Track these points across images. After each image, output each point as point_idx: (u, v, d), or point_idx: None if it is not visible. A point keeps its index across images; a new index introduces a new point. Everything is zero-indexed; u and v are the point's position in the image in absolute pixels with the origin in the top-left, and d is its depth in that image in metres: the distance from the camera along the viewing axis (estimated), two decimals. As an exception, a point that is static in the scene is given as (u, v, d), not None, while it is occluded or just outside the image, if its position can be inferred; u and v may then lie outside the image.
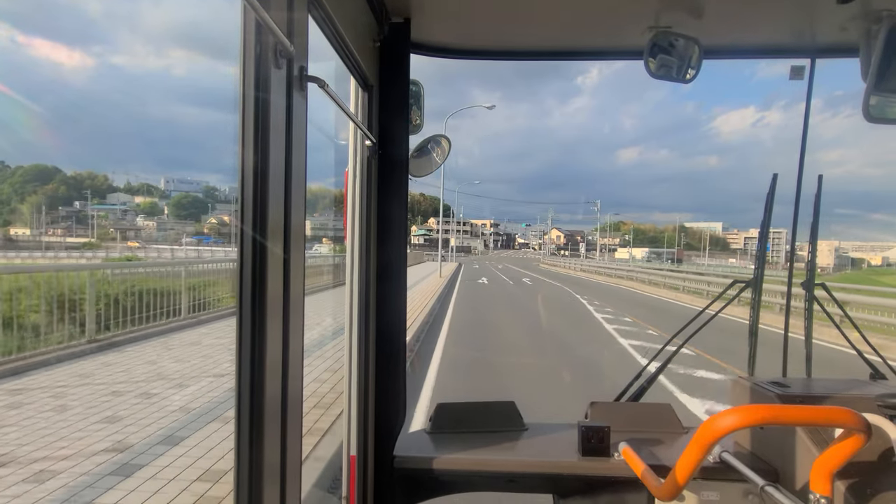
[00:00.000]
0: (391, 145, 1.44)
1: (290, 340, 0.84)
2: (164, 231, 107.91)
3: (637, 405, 1.67)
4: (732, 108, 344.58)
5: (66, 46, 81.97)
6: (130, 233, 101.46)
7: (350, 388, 1.38)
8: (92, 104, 79.52)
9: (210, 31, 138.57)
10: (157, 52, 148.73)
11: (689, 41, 1.41)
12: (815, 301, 1.66)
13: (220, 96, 67.75)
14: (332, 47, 1.09)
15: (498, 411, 1.64)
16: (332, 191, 9.57)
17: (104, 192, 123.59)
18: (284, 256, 0.82)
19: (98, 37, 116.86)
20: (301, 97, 0.86)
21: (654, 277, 27.69)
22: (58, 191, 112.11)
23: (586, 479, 1.40)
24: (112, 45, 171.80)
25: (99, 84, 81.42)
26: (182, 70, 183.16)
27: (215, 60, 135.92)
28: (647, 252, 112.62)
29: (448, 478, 1.46)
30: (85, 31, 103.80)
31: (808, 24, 1.45)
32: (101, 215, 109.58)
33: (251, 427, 0.77)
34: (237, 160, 0.75)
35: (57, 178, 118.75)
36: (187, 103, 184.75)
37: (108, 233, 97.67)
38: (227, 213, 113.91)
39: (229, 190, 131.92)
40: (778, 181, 1.61)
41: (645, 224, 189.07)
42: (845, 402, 1.21)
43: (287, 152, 0.82)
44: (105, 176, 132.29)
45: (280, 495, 0.84)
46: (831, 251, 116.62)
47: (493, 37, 1.63)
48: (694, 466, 0.99)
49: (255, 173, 0.76)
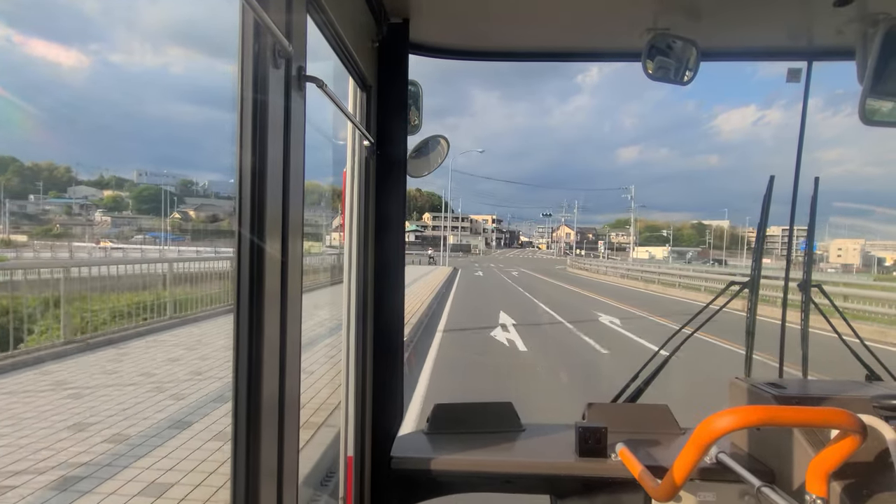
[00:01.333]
0: (389, 145, 1.44)
1: (287, 340, 0.84)
2: (118, 227, 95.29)
3: (634, 406, 1.68)
4: (733, 106, 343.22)
5: (64, 45, 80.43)
6: (79, 228, 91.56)
7: (347, 389, 1.38)
8: (89, 103, 77.63)
9: (208, 30, 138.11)
10: (155, 51, 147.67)
11: (687, 43, 1.42)
12: (812, 302, 1.67)
13: (219, 95, 64.37)
14: (330, 47, 1.09)
15: (495, 412, 1.64)
16: (325, 188, 8.79)
17: (64, 184, 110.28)
18: (282, 256, 0.82)
19: (95, 35, 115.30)
20: (299, 97, 0.86)
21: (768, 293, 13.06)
22: (9, 182, 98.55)
23: (583, 480, 1.40)
24: (109, 44, 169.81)
25: (95, 83, 79.55)
26: (180, 69, 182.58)
27: (213, 60, 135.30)
28: (668, 251, 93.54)
29: (445, 479, 1.46)
30: (81, 30, 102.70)
31: (804, 27, 1.46)
32: (52, 209, 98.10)
33: (248, 426, 0.76)
34: (235, 160, 0.75)
35: (11, 168, 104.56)
36: (185, 102, 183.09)
37: (53, 229, 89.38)
38: (193, 208, 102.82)
39: (208, 184, 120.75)
40: (774, 183, 1.62)
41: (657, 220, 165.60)
42: (841, 403, 1.22)
43: (285, 152, 0.82)
44: (67, 167, 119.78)
45: (277, 495, 0.83)
46: (857, 249, 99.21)
47: (491, 37, 1.63)
48: (691, 467, 0.99)
49: (254, 173, 0.76)
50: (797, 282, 1.66)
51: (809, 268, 1.67)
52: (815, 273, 2.22)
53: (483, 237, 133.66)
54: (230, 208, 4.55)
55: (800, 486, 1.17)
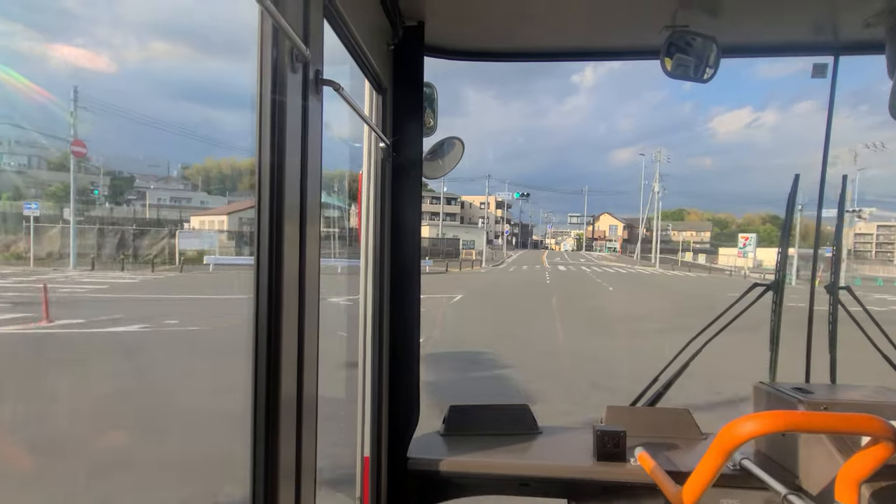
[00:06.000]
0: (405, 147, 1.45)
1: (305, 340, 0.85)
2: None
3: (654, 410, 1.65)
4: (730, 108, 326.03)
5: (84, 48, 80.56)
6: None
7: (364, 390, 1.38)
8: (103, 105, 78.07)
9: (227, 35, 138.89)
10: (174, 53, 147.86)
11: (706, 40, 1.39)
12: (840, 304, 1.61)
13: (238, 99, 61.60)
14: (346, 51, 1.10)
15: (511, 414, 1.62)
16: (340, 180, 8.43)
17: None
18: (300, 256, 0.83)
19: (112, 36, 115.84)
20: (316, 100, 0.87)
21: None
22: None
23: (601, 484, 1.38)
24: (127, 44, 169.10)
25: (115, 82, 79.79)
26: (198, 72, 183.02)
27: (232, 64, 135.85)
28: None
29: (461, 480, 1.45)
30: (101, 32, 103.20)
31: (830, 20, 1.42)
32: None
33: (267, 425, 0.77)
34: (254, 162, 0.77)
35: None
36: (202, 104, 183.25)
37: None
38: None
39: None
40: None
41: (721, 213, 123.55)
42: (872, 409, 1.18)
43: (303, 155, 0.83)
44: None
45: (295, 494, 0.84)
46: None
47: (507, 39, 1.62)
48: (713, 473, 0.97)
49: (272, 175, 0.77)
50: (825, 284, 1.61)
51: (837, 269, 1.62)
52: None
53: (485, 230, 62.74)
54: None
55: (828, 494, 1.13)
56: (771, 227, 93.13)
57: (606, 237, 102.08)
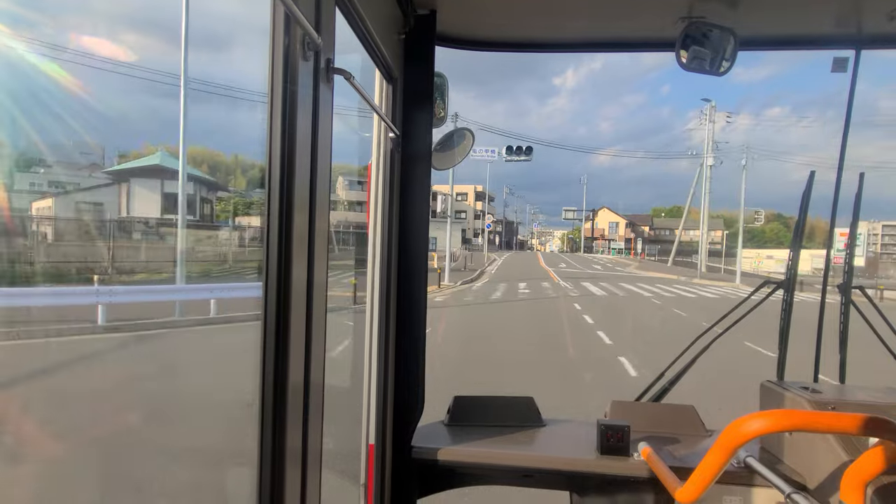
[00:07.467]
0: (414, 138, 1.44)
1: (312, 329, 0.85)
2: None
3: (659, 405, 1.64)
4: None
5: (99, 38, 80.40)
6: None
7: (369, 379, 1.39)
8: (113, 94, 76.05)
9: (240, 23, 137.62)
10: (187, 42, 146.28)
11: (724, 32, 1.36)
12: (852, 304, 1.59)
13: (249, 87, 58.97)
14: (357, 39, 1.09)
15: (516, 406, 1.63)
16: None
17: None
18: (309, 245, 0.83)
19: (120, 29, 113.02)
20: (328, 89, 0.87)
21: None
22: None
23: (604, 478, 1.39)
24: (137, 35, 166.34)
25: (129, 70, 79.06)
26: (209, 60, 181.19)
27: (244, 52, 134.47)
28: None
29: (464, 470, 1.47)
30: (109, 25, 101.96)
31: (853, 12, 1.38)
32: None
33: (274, 413, 0.78)
34: (265, 149, 0.77)
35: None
36: (212, 92, 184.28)
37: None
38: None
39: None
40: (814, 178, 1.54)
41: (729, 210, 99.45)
42: (881, 410, 1.16)
43: (313, 143, 0.83)
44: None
45: (301, 480, 0.85)
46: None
47: (520, 29, 1.60)
48: (717, 470, 0.97)
49: (283, 163, 0.77)
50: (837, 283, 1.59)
51: (850, 268, 1.60)
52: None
53: (449, 219, 27.19)
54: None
55: (833, 494, 1.13)
56: (777, 226, 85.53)
57: (606, 236, 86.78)
